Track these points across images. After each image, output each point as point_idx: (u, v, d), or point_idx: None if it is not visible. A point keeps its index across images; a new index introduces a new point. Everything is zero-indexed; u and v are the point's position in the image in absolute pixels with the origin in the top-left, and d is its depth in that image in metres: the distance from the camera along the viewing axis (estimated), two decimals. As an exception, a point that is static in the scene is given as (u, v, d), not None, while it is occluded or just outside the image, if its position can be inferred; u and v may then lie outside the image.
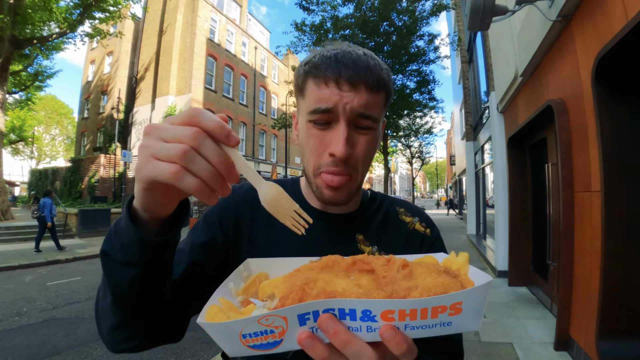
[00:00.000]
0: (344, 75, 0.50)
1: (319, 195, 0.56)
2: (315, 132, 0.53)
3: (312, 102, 0.52)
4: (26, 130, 29.42)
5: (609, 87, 2.14)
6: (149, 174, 0.33)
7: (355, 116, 0.51)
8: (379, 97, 0.53)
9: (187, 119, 0.33)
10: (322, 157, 0.53)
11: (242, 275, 0.45)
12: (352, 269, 0.38)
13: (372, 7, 9.98)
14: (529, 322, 3.51)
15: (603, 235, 2.16)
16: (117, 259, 0.40)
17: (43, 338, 3.25)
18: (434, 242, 0.65)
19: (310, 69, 0.53)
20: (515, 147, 4.94)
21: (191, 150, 0.32)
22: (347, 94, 0.50)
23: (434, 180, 65.29)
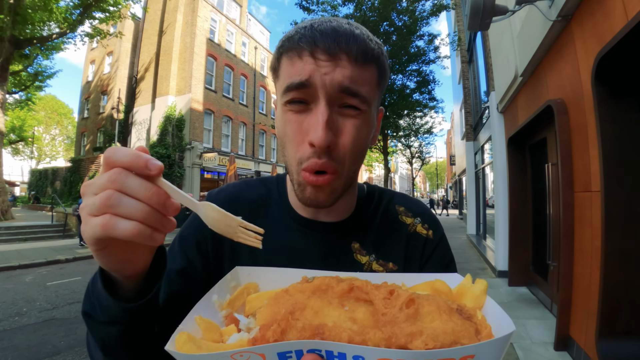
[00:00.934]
0: (320, 45, 0.41)
1: (300, 194, 0.47)
2: (292, 117, 0.44)
3: (286, 78, 0.44)
4: (26, 130, 29.43)
5: (609, 87, 2.14)
6: (89, 235, 0.30)
7: (337, 92, 0.42)
8: (367, 71, 0.44)
9: (104, 163, 0.30)
10: (301, 148, 0.44)
11: (229, 286, 0.41)
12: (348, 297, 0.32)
13: (372, 7, 9.98)
14: (529, 322, 3.51)
15: (603, 235, 2.16)
16: (100, 319, 0.38)
17: (43, 338, 3.25)
18: (437, 244, 0.58)
19: (283, 43, 0.45)
20: (515, 147, 4.94)
21: (115, 194, 0.29)
22: (325, 64, 0.41)
23: (434, 180, 65.26)
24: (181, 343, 0.30)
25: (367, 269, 0.54)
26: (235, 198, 0.58)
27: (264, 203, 0.58)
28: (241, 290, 0.41)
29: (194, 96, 16.10)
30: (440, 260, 0.58)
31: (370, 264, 0.55)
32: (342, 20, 0.44)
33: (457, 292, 0.34)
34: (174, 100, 16.27)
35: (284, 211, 0.57)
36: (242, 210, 0.56)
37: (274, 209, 0.58)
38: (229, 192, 0.60)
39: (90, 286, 0.39)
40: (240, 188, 0.61)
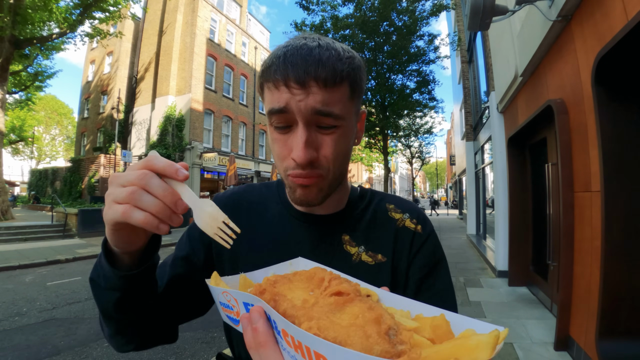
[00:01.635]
0: (291, 76, 0.46)
1: (292, 196, 0.54)
2: (278, 137, 0.51)
3: (268, 104, 0.50)
4: (26, 130, 29.42)
5: (609, 87, 2.14)
6: (109, 217, 0.38)
7: (312, 115, 0.47)
8: (338, 92, 0.48)
9: (141, 164, 0.39)
10: (286, 161, 0.51)
11: (288, 269, 0.47)
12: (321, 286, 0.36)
13: (372, 7, 9.99)
14: (529, 322, 3.51)
15: (603, 235, 2.16)
16: (101, 285, 0.46)
17: (43, 338, 3.25)
18: (426, 239, 0.60)
19: (262, 72, 0.51)
20: (515, 147, 4.94)
21: (138, 190, 0.37)
22: (297, 93, 0.46)
23: (434, 180, 65.25)
24: (212, 277, 0.41)
25: (357, 259, 0.57)
26: (238, 198, 0.66)
27: (263, 202, 0.65)
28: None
29: (194, 96, 16.10)
30: (430, 255, 0.59)
31: (360, 254, 0.58)
32: (312, 44, 0.48)
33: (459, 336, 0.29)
34: (174, 100, 16.27)
35: (282, 207, 0.63)
36: (242, 210, 0.64)
37: (272, 206, 0.64)
38: (234, 192, 0.68)
39: (98, 258, 0.48)
40: (244, 190, 0.69)
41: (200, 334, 3.39)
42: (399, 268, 0.58)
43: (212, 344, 3.17)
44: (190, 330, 3.40)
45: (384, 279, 0.56)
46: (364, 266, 0.57)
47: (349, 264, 0.57)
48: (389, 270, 0.57)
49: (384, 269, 0.57)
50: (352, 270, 0.55)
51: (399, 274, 0.57)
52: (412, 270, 0.58)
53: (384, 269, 0.57)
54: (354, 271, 0.55)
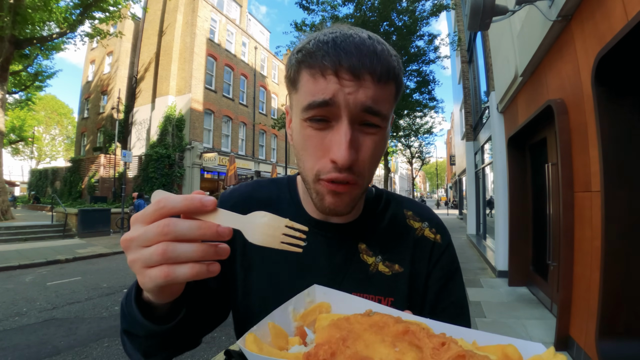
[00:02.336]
0: (344, 64, 0.41)
1: (318, 203, 0.48)
2: (312, 133, 0.45)
3: (307, 96, 0.43)
4: (26, 130, 29.43)
5: (609, 87, 2.14)
6: (150, 286, 0.32)
7: (360, 111, 0.42)
8: (388, 90, 0.44)
9: (154, 214, 0.31)
10: (321, 163, 0.45)
11: (305, 300, 0.44)
12: (402, 339, 0.32)
13: (372, 7, 9.98)
14: (529, 322, 3.51)
15: (603, 235, 2.16)
16: (140, 334, 0.41)
17: (43, 338, 3.25)
18: (444, 249, 0.58)
19: (303, 57, 0.44)
20: (515, 147, 4.94)
21: (169, 245, 0.30)
22: (349, 85, 0.41)
23: (434, 180, 65.27)
24: (248, 342, 0.33)
25: (374, 269, 0.55)
26: (247, 197, 0.61)
27: (274, 202, 0.60)
28: (314, 307, 0.43)
29: (194, 96, 16.10)
30: (448, 265, 0.58)
31: (377, 264, 0.55)
32: (363, 35, 0.44)
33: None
34: (174, 100, 16.27)
35: (294, 211, 0.58)
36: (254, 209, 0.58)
37: (284, 208, 0.59)
38: (242, 191, 0.62)
39: (125, 307, 0.41)
40: (252, 187, 0.63)
41: (200, 334, 3.39)
42: (417, 278, 0.56)
43: (212, 344, 3.17)
44: (190, 330, 3.39)
45: (401, 289, 0.55)
46: (381, 276, 0.55)
47: (366, 275, 0.55)
48: (406, 280, 0.55)
49: (401, 280, 0.55)
50: (369, 280, 0.54)
51: (416, 284, 0.56)
52: (431, 282, 0.57)
53: (401, 280, 0.55)
54: (370, 282, 0.54)
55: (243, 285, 0.56)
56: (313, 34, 0.46)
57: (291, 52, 0.48)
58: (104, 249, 8.21)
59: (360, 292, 0.53)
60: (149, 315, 0.39)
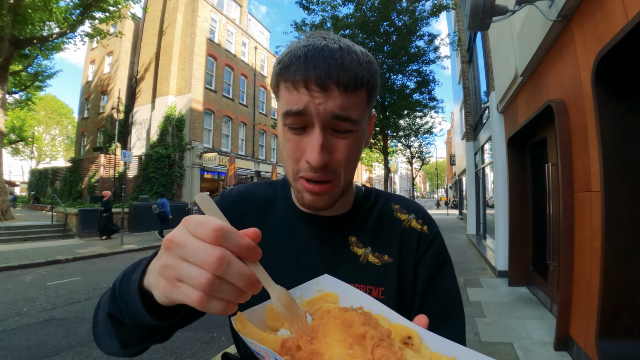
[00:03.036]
0: (312, 78, 0.45)
1: (300, 200, 0.53)
2: (291, 137, 0.50)
3: (284, 105, 0.49)
4: (26, 130, 29.44)
5: (609, 87, 2.14)
6: (174, 298, 0.32)
7: (330, 119, 0.47)
8: (357, 97, 0.48)
9: (213, 237, 0.30)
10: (299, 163, 0.50)
11: (314, 288, 0.46)
12: (360, 343, 0.34)
13: (372, 7, 9.98)
14: (529, 322, 3.51)
15: (603, 235, 2.16)
16: (126, 322, 0.41)
17: (43, 338, 3.25)
18: (431, 240, 0.61)
19: (280, 70, 0.49)
20: (515, 147, 4.94)
21: (216, 280, 0.30)
22: (318, 96, 0.46)
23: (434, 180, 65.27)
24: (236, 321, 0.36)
25: (364, 260, 0.58)
26: (245, 196, 0.65)
27: (270, 202, 0.65)
28: (322, 296, 0.45)
29: (194, 96, 16.10)
30: (436, 256, 0.60)
31: (367, 255, 0.58)
32: (334, 47, 0.47)
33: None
34: (174, 100, 16.27)
35: (287, 209, 0.63)
36: (250, 207, 0.63)
37: (279, 207, 0.64)
38: (240, 190, 0.67)
39: (119, 292, 0.41)
40: (250, 188, 0.68)
41: (200, 334, 3.39)
42: (405, 269, 0.58)
43: (212, 344, 3.17)
44: (190, 330, 3.39)
45: (390, 279, 0.57)
46: (371, 267, 0.57)
47: (357, 266, 0.57)
48: (395, 271, 0.57)
49: (391, 270, 0.57)
50: (359, 271, 0.56)
51: (405, 275, 0.58)
52: (419, 271, 0.58)
53: (391, 270, 0.57)
54: (361, 272, 0.56)
55: None
56: (292, 45, 0.50)
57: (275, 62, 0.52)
58: (104, 249, 8.22)
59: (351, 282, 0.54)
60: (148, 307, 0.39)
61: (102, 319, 0.46)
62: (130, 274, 0.42)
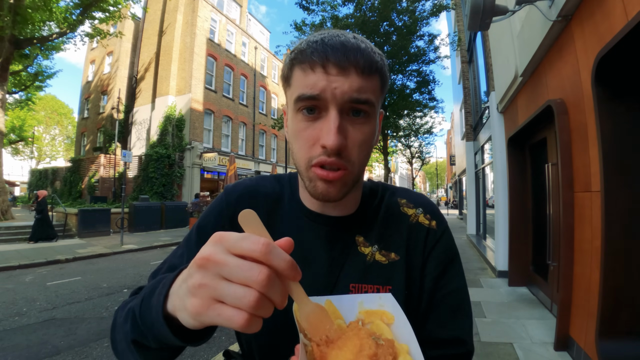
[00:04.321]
0: (331, 59, 0.45)
1: (311, 190, 0.50)
2: (304, 124, 0.48)
3: (299, 88, 0.47)
4: (26, 130, 29.43)
5: (609, 87, 2.14)
6: (209, 320, 0.29)
7: (347, 101, 0.46)
8: (372, 81, 0.48)
9: (258, 254, 0.28)
10: (313, 149, 0.48)
11: (376, 302, 0.46)
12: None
13: (372, 7, 9.99)
14: (529, 322, 3.51)
15: (603, 235, 2.16)
16: (152, 346, 0.40)
17: (43, 338, 3.25)
18: (440, 236, 0.58)
19: (295, 55, 0.49)
20: (515, 147, 4.94)
21: (261, 298, 0.28)
22: (335, 78, 0.45)
23: (434, 180, 65.25)
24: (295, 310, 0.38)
25: (371, 259, 0.56)
26: (253, 191, 0.63)
27: (277, 198, 0.63)
28: (381, 312, 0.46)
29: (194, 96, 16.11)
30: (445, 252, 0.58)
31: (373, 254, 0.57)
32: (348, 35, 0.49)
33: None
34: (174, 100, 16.27)
35: (294, 206, 0.61)
36: (259, 203, 0.61)
37: (285, 204, 0.62)
38: (247, 184, 0.65)
39: (139, 317, 0.40)
40: (257, 182, 0.65)
41: (200, 334, 3.39)
42: (413, 266, 0.57)
43: (212, 344, 3.17)
44: (190, 330, 3.39)
45: (398, 277, 0.55)
46: (378, 265, 0.56)
47: (364, 265, 0.56)
48: (402, 268, 0.56)
49: (398, 268, 0.56)
50: (366, 271, 0.55)
51: (413, 272, 0.57)
52: (428, 268, 0.57)
53: (398, 268, 0.56)
54: (368, 272, 0.55)
55: None
56: (307, 37, 0.50)
57: (286, 55, 0.52)
58: (104, 249, 8.21)
59: (358, 282, 0.55)
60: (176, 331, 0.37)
61: (120, 338, 0.44)
62: (149, 297, 0.39)
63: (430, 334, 0.54)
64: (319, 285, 0.54)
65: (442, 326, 0.55)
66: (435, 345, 0.54)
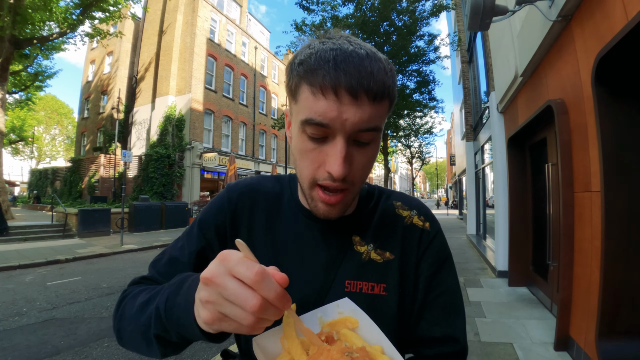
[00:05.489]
0: (344, 85, 0.43)
1: (313, 208, 0.53)
2: (311, 144, 0.48)
3: (306, 111, 0.46)
4: (26, 130, 29.44)
5: (609, 87, 2.14)
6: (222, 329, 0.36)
7: (356, 131, 0.46)
8: (382, 107, 0.47)
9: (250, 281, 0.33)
10: (318, 172, 0.49)
11: (335, 311, 0.48)
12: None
13: (372, 7, 9.98)
14: (529, 322, 3.51)
15: (603, 235, 2.16)
16: (174, 340, 0.44)
17: (43, 338, 3.25)
18: (433, 237, 0.60)
19: (305, 73, 0.46)
20: (515, 147, 4.94)
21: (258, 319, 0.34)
22: (346, 108, 0.44)
23: (434, 180, 65.25)
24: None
25: (366, 257, 0.58)
26: (254, 189, 0.65)
27: (277, 198, 0.64)
28: (343, 319, 0.47)
29: (194, 96, 16.10)
30: (438, 253, 0.60)
31: (369, 253, 0.58)
32: (362, 52, 0.45)
33: None
34: (174, 100, 16.27)
35: (293, 206, 0.63)
36: (259, 201, 0.63)
37: (285, 204, 0.63)
38: (248, 183, 0.66)
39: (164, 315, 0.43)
40: (258, 181, 0.67)
41: (200, 334, 3.39)
42: (407, 265, 0.58)
43: (212, 344, 3.17)
44: (190, 330, 3.39)
45: (392, 276, 0.57)
46: (373, 264, 0.57)
47: (359, 263, 0.57)
48: (397, 267, 0.58)
49: (392, 267, 0.58)
50: (361, 268, 0.57)
51: (407, 271, 0.58)
52: (421, 268, 0.59)
53: (392, 267, 0.58)
54: (363, 269, 0.57)
55: None
56: (315, 45, 0.47)
57: (292, 61, 0.49)
58: (104, 249, 8.22)
59: (353, 279, 0.56)
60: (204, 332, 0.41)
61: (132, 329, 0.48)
62: (174, 296, 0.43)
63: (424, 333, 0.56)
64: (316, 282, 0.56)
65: (435, 325, 0.56)
66: (429, 344, 0.55)
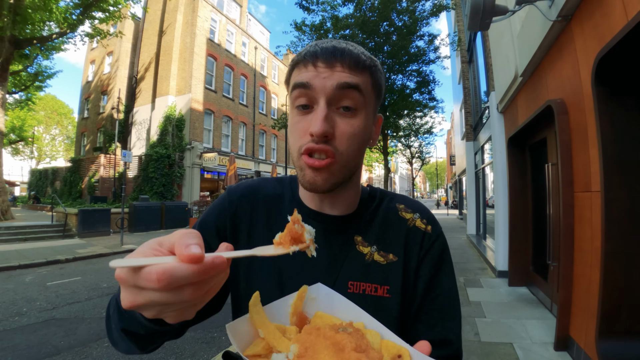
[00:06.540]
0: (320, 56, 0.51)
1: (302, 179, 0.53)
2: (298, 117, 0.53)
3: (293, 82, 0.53)
4: (26, 130, 29.43)
5: (609, 87, 2.14)
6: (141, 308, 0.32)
7: (335, 90, 0.50)
8: (362, 76, 0.52)
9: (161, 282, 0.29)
10: (303, 138, 0.52)
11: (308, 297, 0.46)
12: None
13: (372, 7, 9.98)
14: (529, 322, 3.51)
15: (603, 235, 2.16)
16: (141, 332, 0.42)
17: (43, 338, 3.25)
18: (435, 240, 0.61)
19: (294, 60, 0.55)
20: (515, 147, 4.94)
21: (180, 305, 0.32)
22: (324, 71, 0.50)
23: (434, 180, 65.27)
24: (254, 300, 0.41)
25: (369, 259, 0.58)
26: (254, 190, 0.66)
27: (278, 199, 0.65)
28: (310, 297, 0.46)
29: (194, 96, 16.10)
30: (438, 256, 0.60)
31: (372, 254, 0.59)
32: (343, 42, 0.54)
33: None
34: (174, 100, 16.27)
35: (295, 205, 0.63)
36: (260, 202, 0.64)
37: (286, 204, 0.64)
38: (248, 184, 0.67)
39: (125, 311, 0.41)
40: (259, 183, 0.68)
41: (200, 334, 3.39)
42: (409, 267, 0.59)
43: (212, 344, 3.17)
44: (190, 330, 3.39)
45: (395, 278, 0.57)
46: (376, 266, 0.58)
47: (362, 264, 0.58)
48: (400, 269, 0.58)
49: (396, 268, 0.58)
50: (365, 270, 0.57)
51: (409, 273, 0.59)
52: (421, 271, 0.59)
53: (396, 268, 0.58)
54: (367, 271, 0.57)
55: (246, 276, 0.59)
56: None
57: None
58: (104, 249, 8.22)
59: (357, 280, 0.56)
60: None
61: (114, 328, 0.46)
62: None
63: (419, 335, 0.56)
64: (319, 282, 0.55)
65: (430, 327, 0.56)
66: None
